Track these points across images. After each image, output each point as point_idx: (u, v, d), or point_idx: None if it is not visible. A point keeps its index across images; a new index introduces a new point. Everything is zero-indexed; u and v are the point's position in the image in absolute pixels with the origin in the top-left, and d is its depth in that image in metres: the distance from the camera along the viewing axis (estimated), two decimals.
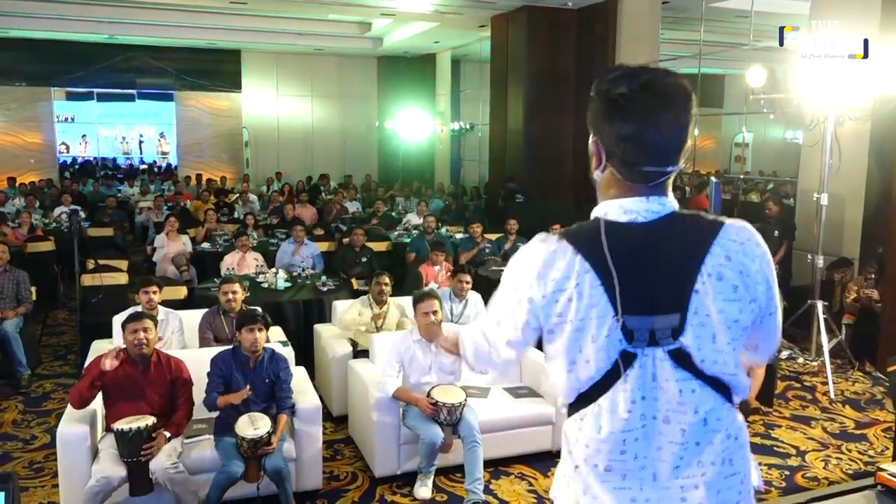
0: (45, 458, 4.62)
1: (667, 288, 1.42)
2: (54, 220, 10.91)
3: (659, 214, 1.45)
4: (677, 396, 1.43)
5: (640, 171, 1.44)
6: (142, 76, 17.53)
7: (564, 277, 1.43)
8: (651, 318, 1.41)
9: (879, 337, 6.37)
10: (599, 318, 1.42)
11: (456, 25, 13.73)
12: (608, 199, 1.49)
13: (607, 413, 1.45)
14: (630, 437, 1.44)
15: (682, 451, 1.44)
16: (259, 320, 4.05)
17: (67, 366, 6.50)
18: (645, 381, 1.43)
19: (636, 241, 1.43)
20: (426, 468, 4.26)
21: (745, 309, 1.45)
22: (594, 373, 1.45)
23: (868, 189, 7.16)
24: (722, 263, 1.43)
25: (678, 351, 1.42)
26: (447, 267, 7.33)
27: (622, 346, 1.42)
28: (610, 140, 1.45)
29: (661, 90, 1.41)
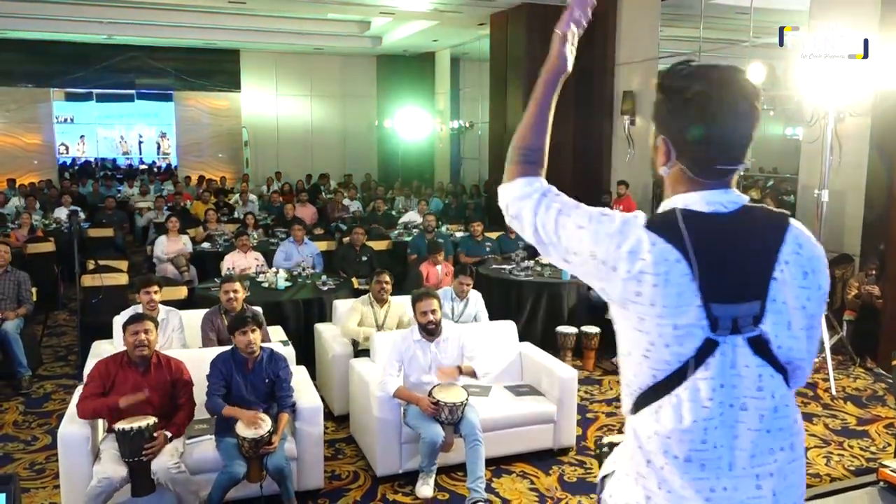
0: (47, 459, 4.62)
1: (748, 276, 1.45)
2: (54, 221, 10.91)
3: (737, 205, 1.49)
4: (756, 382, 1.46)
5: (714, 169, 1.47)
6: (141, 76, 17.51)
7: (654, 262, 1.41)
8: (735, 306, 1.43)
9: (881, 333, 6.37)
10: (685, 306, 1.41)
11: (455, 24, 13.71)
12: (682, 194, 1.50)
13: (689, 402, 1.44)
14: (710, 425, 1.45)
15: (758, 438, 1.47)
16: (249, 322, 4.03)
17: (68, 367, 6.50)
18: (725, 368, 1.44)
19: (720, 231, 1.46)
20: (428, 467, 4.26)
21: (812, 297, 1.49)
22: (674, 359, 1.44)
23: (869, 185, 7.15)
24: (796, 251, 1.48)
25: (757, 338, 1.45)
26: (448, 266, 7.33)
27: (706, 333, 1.42)
28: (682, 138, 1.47)
29: (735, 89, 1.44)
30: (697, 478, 1.46)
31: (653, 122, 1.53)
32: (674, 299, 1.41)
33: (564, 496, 4.25)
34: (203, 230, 9.81)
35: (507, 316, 5.95)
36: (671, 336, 1.42)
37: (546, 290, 6.93)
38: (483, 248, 8.56)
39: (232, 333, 4.11)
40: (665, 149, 1.50)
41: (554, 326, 6.67)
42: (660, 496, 1.49)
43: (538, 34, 11.41)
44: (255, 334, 4.05)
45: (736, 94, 1.43)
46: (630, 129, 10.58)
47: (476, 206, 13.59)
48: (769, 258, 1.45)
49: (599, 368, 6.55)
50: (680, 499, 1.47)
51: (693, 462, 1.46)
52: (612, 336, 5.29)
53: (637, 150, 10.62)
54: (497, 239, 8.80)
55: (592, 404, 5.73)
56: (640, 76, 10.54)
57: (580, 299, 6.97)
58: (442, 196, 14.36)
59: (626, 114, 10.53)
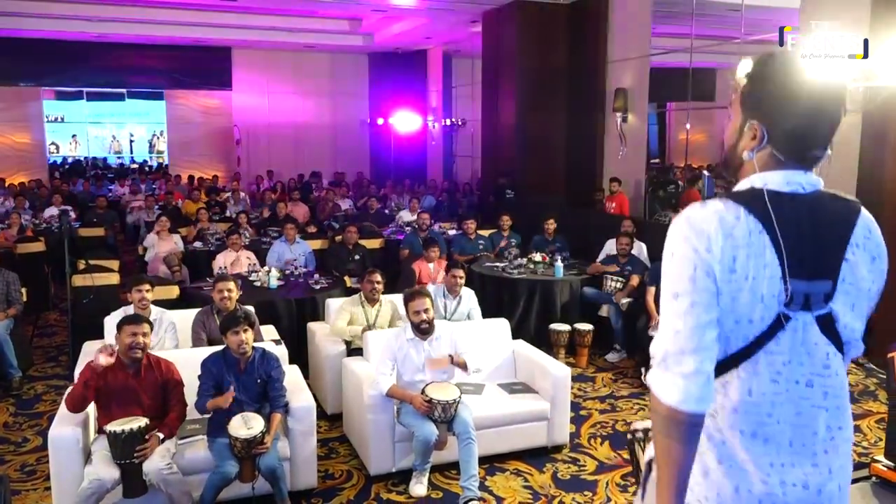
0: (38, 461, 4.59)
1: (823, 255, 1.50)
2: (44, 221, 10.84)
3: (815, 188, 1.54)
4: (824, 359, 1.51)
5: (803, 154, 1.53)
6: (131, 75, 17.41)
7: (742, 234, 1.47)
8: (810, 283, 1.48)
9: (872, 329, 6.36)
10: (770, 279, 1.46)
11: (447, 21, 13.68)
12: (761, 173, 1.55)
13: (758, 376, 1.49)
14: (778, 400, 1.50)
15: (821, 414, 1.52)
16: (242, 321, 4.01)
17: (59, 367, 6.46)
18: (795, 344, 1.49)
19: (799, 210, 1.50)
20: (421, 465, 4.25)
21: (876, 280, 1.57)
22: (752, 333, 1.48)
23: (860, 181, 7.16)
24: (866, 236, 1.55)
25: (826, 316, 1.50)
26: (441, 263, 7.32)
27: (781, 308, 1.47)
28: (779, 125, 1.52)
29: (831, 81, 1.52)
30: (761, 452, 1.50)
31: (740, 108, 1.57)
32: (762, 270, 1.46)
33: (558, 493, 4.25)
34: (194, 229, 9.77)
35: (500, 314, 5.94)
36: (756, 310, 1.47)
37: (539, 288, 6.93)
38: (476, 246, 8.55)
39: (224, 333, 4.08)
40: (756, 133, 1.54)
41: (547, 324, 6.67)
42: (719, 471, 1.52)
43: (530, 31, 11.41)
44: (248, 334, 4.03)
45: (829, 85, 1.52)
46: (622, 126, 10.58)
47: (469, 203, 13.58)
48: (843, 240, 1.51)
49: (592, 366, 6.56)
50: (741, 472, 1.51)
51: (758, 437, 1.50)
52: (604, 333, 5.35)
53: (629, 147, 10.62)
54: (490, 236, 8.79)
55: (586, 401, 5.73)
56: (632, 73, 10.54)
57: (573, 297, 6.98)
58: (435, 194, 14.35)
59: (619, 111, 10.53)
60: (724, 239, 1.46)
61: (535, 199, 10.67)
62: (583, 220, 9.49)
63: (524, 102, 11.49)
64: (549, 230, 8.44)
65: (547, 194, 11.07)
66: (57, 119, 19.90)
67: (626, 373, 6.39)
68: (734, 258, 1.46)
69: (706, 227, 1.47)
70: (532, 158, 11.57)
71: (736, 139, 1.59)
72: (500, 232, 8.77)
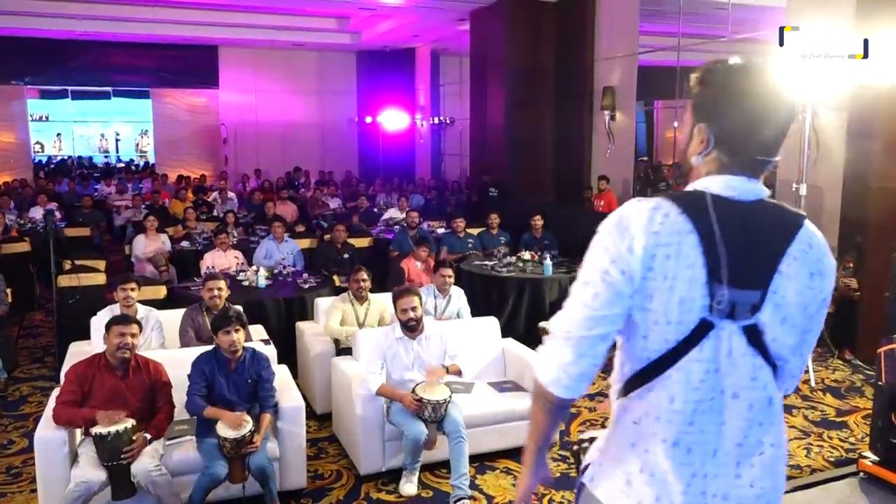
0: (23, 463, 4.54)
1: (755, 265, 1.47)
2: (29, 221, 10.74)
3: (757, 196, 1.51)
4: (750, 372, 1.48)
5: (751, 160, 1.51)
6: (117, 73, 17.28)
7: (668, 233, 1.45)
8: (737, 291, 1.44)
9: (858, 325, 6.44)
10: (691, 281, 1.44)
11: (435, 19, 13.67)
12: (705, 178, 1.53)
13: (680, 383, 1.47)
14: (700, 408, 1.47)
15: (746, 428, 1.49)
16: (234, 321, 3.99)
17: (45, 368, 6.40)
18: (719, 353, 1.46)
19: (736, 216, 1.47)
20: (411, 464, 4.24)
21: (815, 298, 1.52)
22: (673, 337, 1.46)
23: (846, 179, 7.22)
24: (805, 250, 1.50)
25: (753, 327, 1.47)
26: (430, 262, 7.31)
27: (704, 313, 1.44)
28: (724, 129, 1.50)
29: (777, 87, 1.49)
30: (682, 462, 1.48)
31: (692, 112, 1.56)
32: (683, 272, 1.44)
33: (548, 492, 4.25)
34: (182, 229, 9.71)
35: (488, 312, 5.94)
36: (675, 312, 1.44)
37: (528, 286, 6.93)
38: (465, 245, 8.55)
39: (215, 332, 4.05)
40: (704, 137, 1.53)
41: (536, 322, 6.67)
42: (641, 480, 1.51)
43: (518, 30, 11.42)
44: (240, 334, 4.01)
45: (779, 90, 1.49)
46: (610, 125, 10.61)
47: (457, 202, 13.57)
48: (778, 251, 1.48)
49: None
50: (661, 483, 1.49)
51: (680, 446, 1.48)
52: None
53: (617, 145, 10.65)
54: (479, 235, 8.79)
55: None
56: (619, 71, 10.57)
57: (562, 295, 6.97)
58: (424, 192, 14.33)
59: (606, 109, 10.56)
60: (647, 237, 1.45)
61: (523, 198, 10.68)
62: (571, 219, 9.50)
63: (512, 100, 11.50)
64: (537, 227, 8.44)
65: (535, 192, 11.09)
66: (41, 118, 19.73)
67: None
68: (653, 256, 1.44)
69: (631, 225, 1.47)
70: (520, 156, 11.59)
71: (686, 143, 1.58)
72: (488, 230, 8.77)
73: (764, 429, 1.51)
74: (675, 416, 1.47)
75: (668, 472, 1.48)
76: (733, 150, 1.50)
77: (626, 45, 10.44)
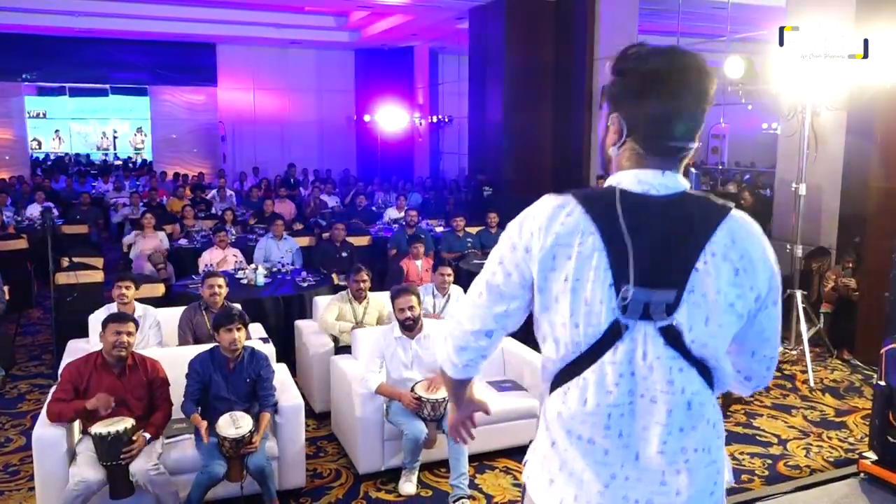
0: (21, 462, 4.53)
1: (668, 263, 1.40)
2: (27, 218, 10.71)
3: (672, 191, 1.45)
4: (667, 375, 1.42)
5: (663, 146, 1.45)
6: (115, 71, 17.23)
7: (568, 232, 1.41)
8: (649, 291, 1.38)
9: (857, 325, 6.44)
10: (596, 282, 1.39)
11: (434, 17, 13.65)
12: (618, 173, 1.49)
13: (594, 385, 1.43)
14: (616, 412, 1.43)
15: (665, 433, 1.43)
16: (236, 319, 3.97)
17: (43, 366, 6.38)
18: (634, 356, 1.41)
19: (645, 213, 1.41)
20: (410, 464, 4.23)
21: (743, 295, 1.43)
22: (583, 339, 1.42)
23: (845, 179, 7.22)
24: (726, 245, 1.42)
25: (670, 328, 1.40)
26: (428, 261, 7.30)
27: (615, 315, 1.40)
28: (635, 115, 1.46)
29: (690, 69, 1.43)
30: (600, 461, 1.45)
31: (606, 104, 1.52)
32: (586, 273, 1.39)
33: None
34: (180, 226, 9.69)
35: None
36: (581, 314, 1.41)
37: None
38: (464, 244, 8.54)
39: (216, 330, 4.04)
40: (617, 126, 1.48)
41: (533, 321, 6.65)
42: (561, 478, 1.49)
43: (517, 28, 11.41)
44: (241, 333, 3.99)
45: (691, 74, 1.43)
46: None
47: (456, 200, 13.56)
48: (694, 248, 1.40)
49: None
50: (579, 482, 1.46)
51: (596, 446, 1.45)
52: None
53: None
54: (478, 234, 8.78)
55: None
56: None
57: None
58: (421, 191, 14.32)
59: None
60: (547, 237, 1.42)
61: (521, 197, 10.65)
62: None
63: (511, 99, 11.49)
64: None
65: (533, 191, 11.04)
66: (39, 115, 19.65)
67: None
68: (553, 256, 1.42)
69: (533, 225, 1.45)
70: (519, 155, 11.58)
71: (604, 135, 1.54)
72: (488, 229, 8.77)
73: (685, 434, 1.44)
74: (588, 417, 1.44)
75: (585, 471, 1.45)
76: (646, 137, 1.45)
77: (626, 44, 10.35)
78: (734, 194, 10.88)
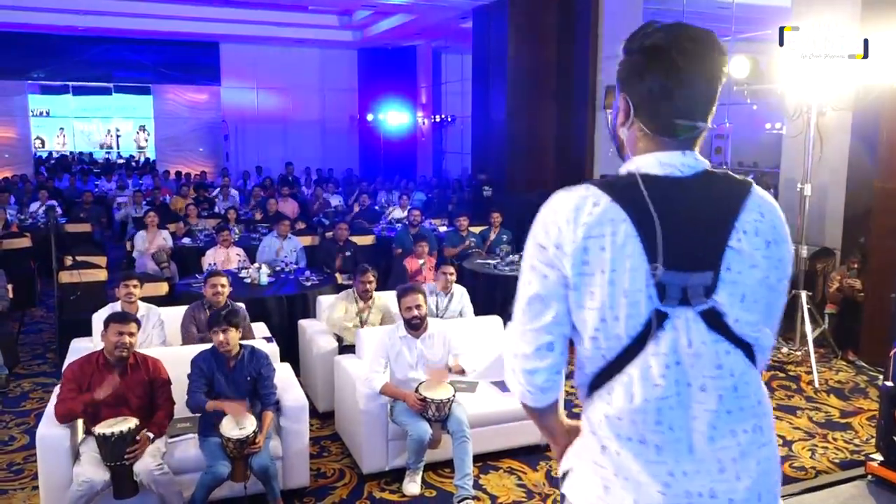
0: (25, 460, 4.52)
1: (702, 244, 1.37)
2: (30, 216, 10.71)
3: (695, 170, 1.42)
4: (715, 360, 1.38)
5: (669, 123, 1.42)
6: (118, 69, 17.25)
7: (598, 223, 1.36)
8: (685, 274, 1.35)
9: (862, 326, 6.42)
10: (633, 271, 1.34)
11: (438, 17, 13.64)
12: (636, 157, 1.45)
13: (639, 381, 1.38)
14: (665, 405, 1.37)
15: (715, 419, 1.39)
16: (223, 321, 3.95)
17: (46, 365, 6.38)
18: (678, 344, 1.37)
19: (674, 195, 1.38)
20: (414, 464, 4.22)
21: (773, 266, 1.42)
22: (624, 333, 1.37)
23: (850, 179, 7.20)
24: (756, 219, 1.41)
25: (711, 311, 1.37)
26: (431, 261, 7.29)
27: (654, 304, 1.35)
28: (639, 92, 1.43)
29: (699, 44, 1.40)
30: (654, 461, 1.39)
31: (617, 87, 1.49)
32: (622, 262, 1.35)
33: (552, 492, 4.24)
34: (183, 225, 9.69)
35: (491, 311, 5.91)
36: (621, 306, 1.36)
37: None
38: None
39: (209, 331, 4.04)
40: (624, 105, 1.46)
41: None
42: (617, 484, 1.42)
43: (521, 28, 11.38)
44: (230, 334, 3.96)
45: (700, 49, 1.39)
46: None
47: (459, 200, 13.55)
48: (725, 226, 1.38)
49: None
50: (637, 485, 1.40)
51: (647, 444, 1.39)
52: None
53: None
54: (481, 233, 8.77)
55: (577, 398, 5.71)
56: None
57: None
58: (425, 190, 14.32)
59: (609, 108, 10.51)
60: (576, 229, 1.37)
61: (524, 196, 10.64)
62: None
63: (514, 99, 11.46)
64: None
65: (537, 191, 11.05)
66: (42, 113, 19.68)
67: None
68: (586, 249, 1.36)
69: (558, 218, 1.40)
70: (522, 155, 11.56)
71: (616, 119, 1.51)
72: (491, 229, 8.75)
73: (734, 417, 1.40)
74: (638, 415, 1.38)
75: (641, 473, 1.39)
76: (651, 115, 1.42)
77: None
78: None
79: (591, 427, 1.47)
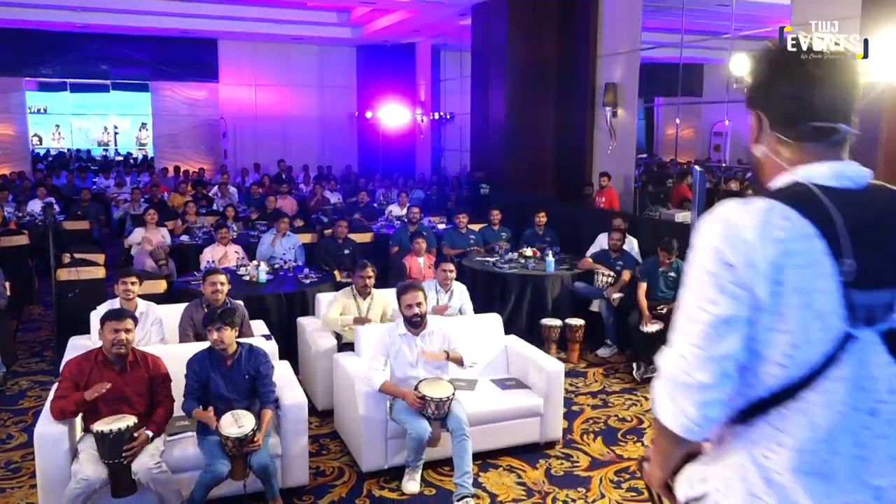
0: (23, 458, 4.51)
1: (887, 260, 1.30)
2: (28, 214, 10.68)
3: (866, 180, 1.36)
4: (890, 383, 1.31)
5: (810, 127, 1.36)
6: (116, 66, 17.20)
7: (792, 238, 1.26)
8: (872, 293, 1.27)
9: None
10: (826, 292, 1.26)
11: (437, 14, 13.61)
12: (801, 165, 1.37)
13: (821, 408, 1.28)
14: (845, 434, 1.30)
15: (886, 445, 1.31)
16: (217, 320, 3.94)
17: (44, 363, 6.36)
18: (858, 367, 1.29)
19: (856, 210, 1.30)
20: (414, 462, 4.21)
21: None
22: (815, 359, 1.28)
23: None
24: None
25: (890, 331, 1.30)
26: (430, 258, 7.28)
27: (845, 326, 1.27)
28: (773, 103, 1.40)
29: (836, 51, 1.38)
30: (821, 493, 1.30)
31: (747, 106, 1.46)
32: (814, 282, 1.26)
33: (552, 490, 4.23)
34: (181, 223, 9.66)
35: (490, 308, 5.91)
36: (815, 329, 1.26)
37: (530, 283, 6.90)
38: (466, 240, 8.52)
39: (205, 329, 4.03)
40: (756, 121, 1.43)
41: (538, 319, 6.65)
42: None
43: (520, 25, 11.36)
44: (224, 333, 3.94)
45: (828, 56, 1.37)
46: (612, 121, 10.57)
47: (457, 197, 13.53)
48: None
49: (584, 360, 6.54)
50: None
51: (817, 475, 1.30)
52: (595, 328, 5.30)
53: (618, 142, 10.62)
54: (480, 231, 8.76)
55: (578, 397, 5.71)
56: (622, 68, 10.53)
57: (564, 292, 6.96)
58: (423, 187, 14.30)
59: (608, 105, 10.52)
60: (769, 246, 1.26)
61: (524, 194, 10.64)
62: (572, 215, 9.48)
63: (513, 96, 11.45)
64: (540, 223, 8.40)
65: (536, 189, 11.05)
66: (40, 110, 19.63)
67: (618, 368, 6.38)
68: (781, 268, 1.25)
69: (746, 234, 1.27)
70: (521, 152, 11.54)
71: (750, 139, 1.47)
72: (490, 226, 8.75)
73: None
74: (817, 444, 1.29)
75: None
76: (787, 122, 1.37)
77: (629, 41, 10.39)
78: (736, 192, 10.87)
79: (753, 457, 1.35)
